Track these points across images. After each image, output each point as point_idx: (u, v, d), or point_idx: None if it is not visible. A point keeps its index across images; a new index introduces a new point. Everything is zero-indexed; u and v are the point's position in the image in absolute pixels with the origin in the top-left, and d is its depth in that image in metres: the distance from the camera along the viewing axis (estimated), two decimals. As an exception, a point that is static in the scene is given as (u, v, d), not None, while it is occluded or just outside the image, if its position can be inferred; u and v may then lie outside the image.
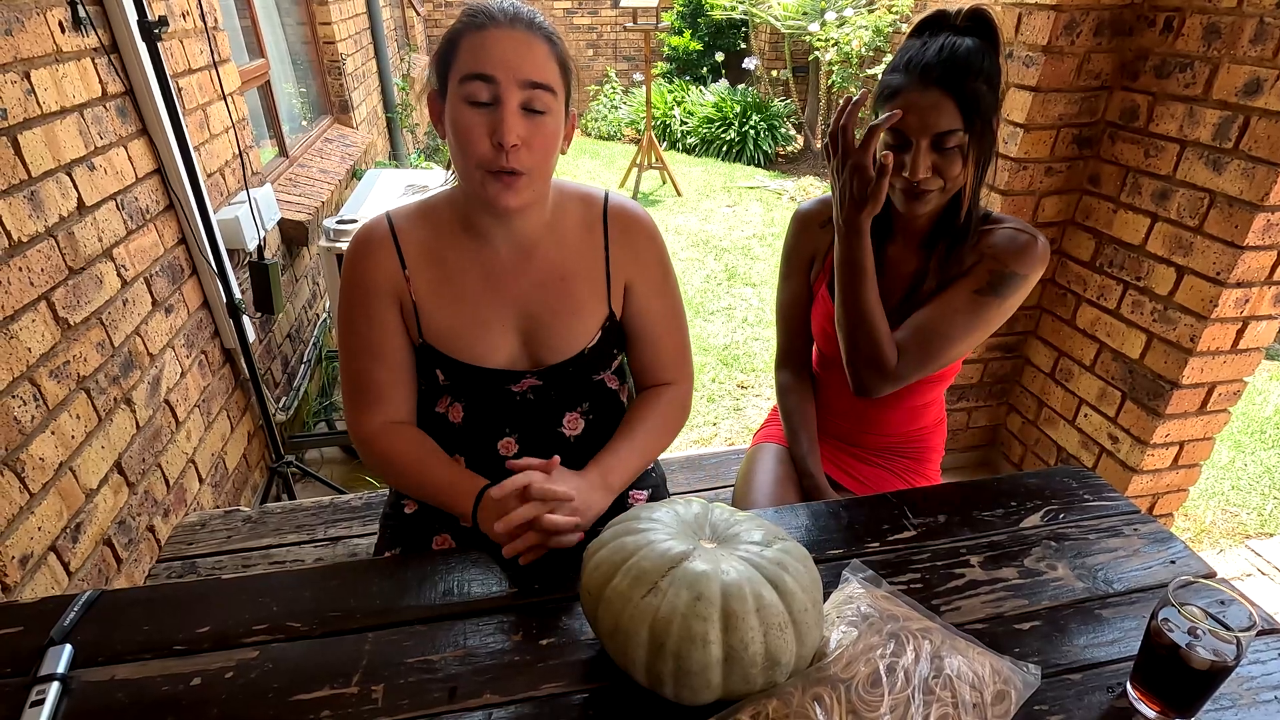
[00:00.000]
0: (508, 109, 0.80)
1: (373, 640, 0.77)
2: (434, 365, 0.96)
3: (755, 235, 4.53)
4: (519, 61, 0.80)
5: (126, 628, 0.79)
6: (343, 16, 3.91)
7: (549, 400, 1.01)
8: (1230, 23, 1.49)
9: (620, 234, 0.98)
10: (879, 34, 5.35)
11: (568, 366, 0.97)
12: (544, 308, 0.95)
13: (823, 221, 1.18)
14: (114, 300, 1.49)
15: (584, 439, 1.03)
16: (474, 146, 0.81)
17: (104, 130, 1.49)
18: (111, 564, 1.42)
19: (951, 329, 1.04)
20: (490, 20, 0.81)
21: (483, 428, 1.01)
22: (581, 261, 0.96)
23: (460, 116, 0.81)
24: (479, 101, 0.80)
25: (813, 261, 1.21)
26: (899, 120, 0.95)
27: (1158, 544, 0.91)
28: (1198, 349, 1.64)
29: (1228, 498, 2.27)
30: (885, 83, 0.99)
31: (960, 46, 0.93)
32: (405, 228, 0.93)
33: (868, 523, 0.96)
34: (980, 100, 0.94)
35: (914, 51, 0.96)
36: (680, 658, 0.62)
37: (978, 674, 0.69)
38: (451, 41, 0.83)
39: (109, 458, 1.43)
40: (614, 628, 0.65)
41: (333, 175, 3.13)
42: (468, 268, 0.94)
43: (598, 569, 0.68)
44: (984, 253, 1.06)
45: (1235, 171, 1.51)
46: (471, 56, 0.80)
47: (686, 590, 0.63)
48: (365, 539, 1.32)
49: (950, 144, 0.95)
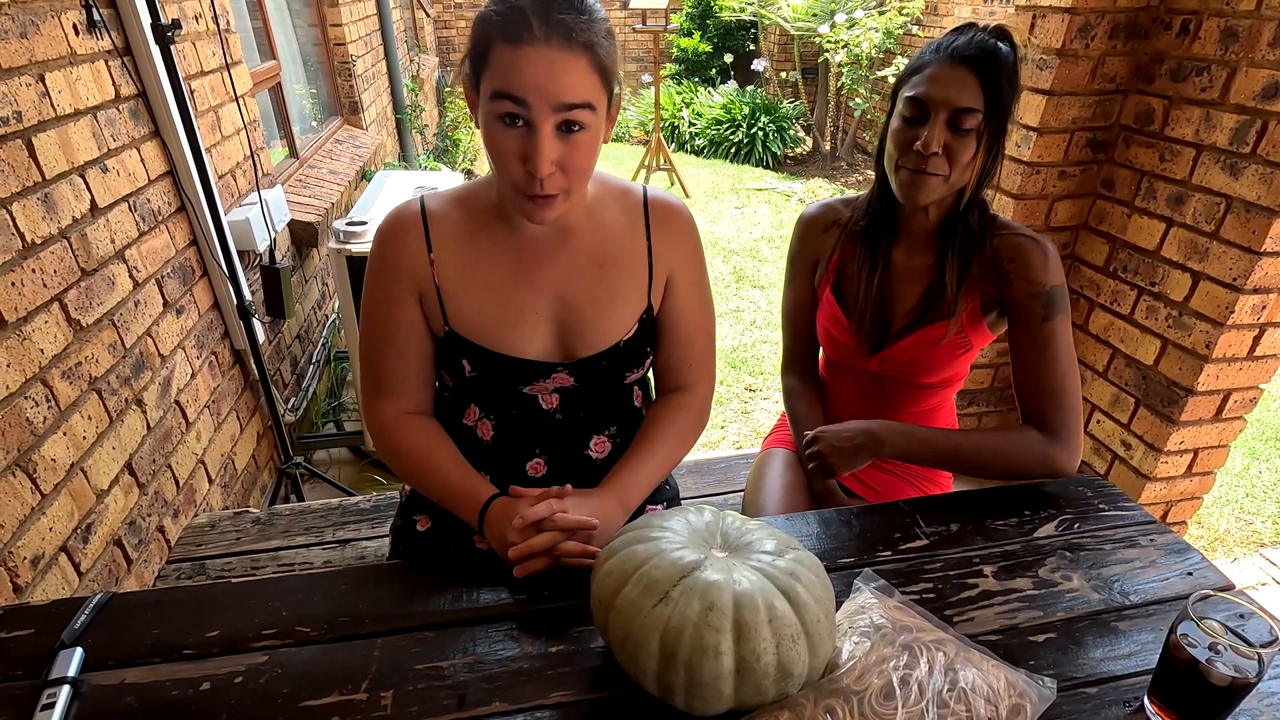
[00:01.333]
0: (542, 134, 0.75)
1: (382, 646, 0.77)
2: (461, 355, 0.92)
3: (763, 237, 4.52)
4: (554, 86, 0.73)
5: (137, 631, 0.79)
6: (353, 18, 3.92)
7: (577, 420, 0.98)
8: (1249, 26, 1.47)
9: (662, 225, 0.95)
10: (889, 36, 5.33)
11: (601, 360, 0.93)
12: (581, 295, 0.91)
13: (826, 225, 1.18)
14: (126, 301, 1.49)
15: (610, 461, 1.00)
16: (507, 168, 0.78)
17: (117, 132, 1.50)
18: (122, 565, 1.42)
19: (1056, 365, 1.02)
20: (525, 35, 0.72)
21: (512, 447, 0.98)
22: (622, 250, 0.93)
23: (492, 131, 0.77)
24: (511, 118, 0.75)
25: (816, 265, 1.21)
26: (921, 90, 0.96)
27: (1175, 555, 0.90)
28: (1213, 355, 1.62)
29: (1242, 505, 2.24)
30: (912, 63, 1.01)
31: (992, 42, 0.96)
32: (437, 211, 0.90)
33: (879, 531, 0.95)
34: (1002, 92, 0.95)
35: (944, 39, 0.98)
36: (691, 668, 0.62)
37: (992, 687, 0.68)
38: (482, 43, 0.76)
39: (120, 458, 1.44)
40: (624, 637, 0.65)
41: (342, 176, 3.14)
42: (500, 252, 0.90)
43: (609, 577, 0.68)
44: (1007, 271, 1.04)
45: (1253, 176, 1.49)
46: (503, 73, 0.74)
47: (698, 600, 0.63)
48: (374, 542, 1.32)
49: (967, 124, 0.95)
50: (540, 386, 0.94)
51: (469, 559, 0.91)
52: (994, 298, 1.07)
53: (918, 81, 0.98)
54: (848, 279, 1.17)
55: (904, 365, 1.15)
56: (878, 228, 1.13)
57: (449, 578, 0.87)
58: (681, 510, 0.75)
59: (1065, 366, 1.02)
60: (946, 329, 1.09)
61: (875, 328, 1.15)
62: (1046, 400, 1.03)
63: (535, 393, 0.95)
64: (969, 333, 1.10)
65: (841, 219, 1.17)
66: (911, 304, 1.13)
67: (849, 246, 1.16)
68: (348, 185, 3.12)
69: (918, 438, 1.06)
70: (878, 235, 1.13)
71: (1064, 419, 1.02)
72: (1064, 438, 1.02)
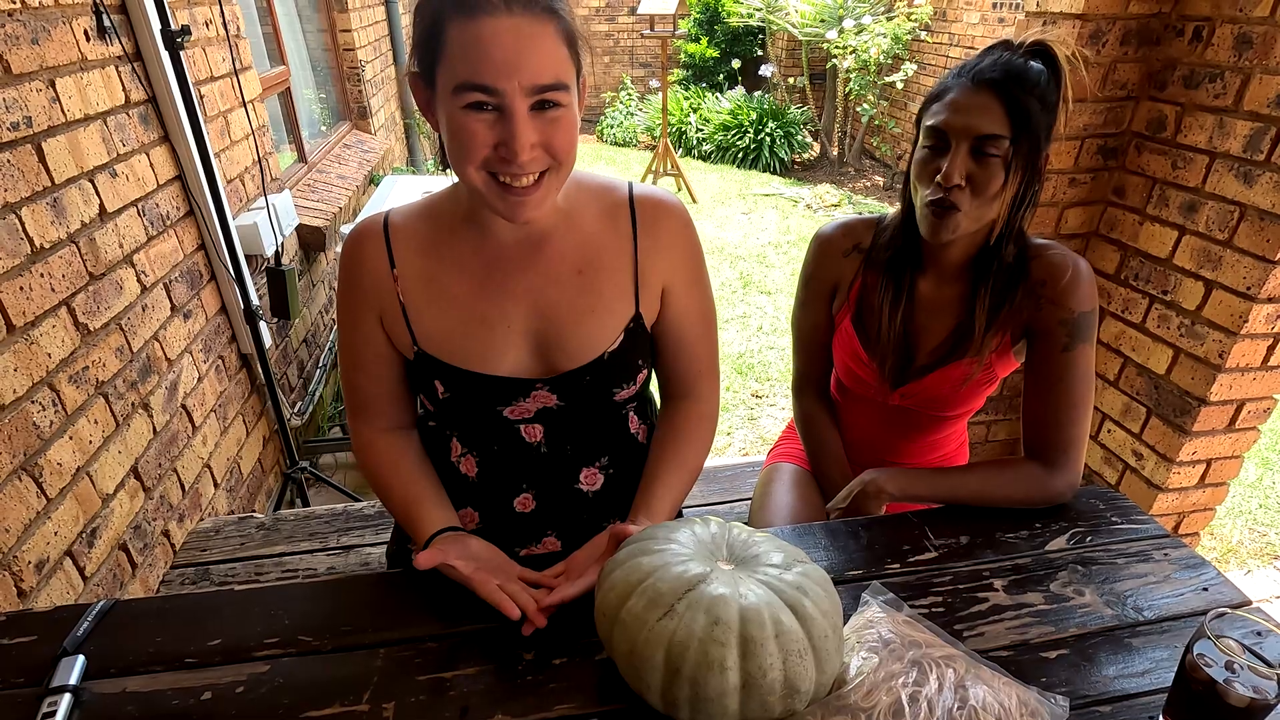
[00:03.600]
0: (518, 116, 0.68)
1: (384, 656, 0.77)
2: (432, 376, 0.86)
3: (771, 243, 4.51)
4: (524, 63, 0.66)
5: (139, 639, 0.79)
6: (363, 24, 3.94)
7: (564, 453, 0.93)
8: (1262, 33, 1.46)
9: (650, 224, 0.86)
10: (897, 42, 5.32)
11: (584, 375, 0.86)
12: (558, 305, 0.84)
13: (847, 250, 1.12)
14: (133, 306, 1.50)
15: (604, 495, 0.95)
16: (473, 154, 0.70)
17: (126, 137, 1.51)
18: (126, 569, 1.42)
19: (1071, 398, 0.98)
20: (482, 3, 0.65)
21: (497, 483, 0.93)
22: (603, 253, 0.85)
23: (459, 125, 0.69)
24: (478, 107, 0.68)
25: (835, 290, 1.15)
26: (941, 119, 0.91)
27: (1189, 570, 0.89)
28: (1226, 365, 1.60)
29: (1256, 517, 2.21)
30: (934, 89, 0.96)
31: (1019, 62, 0.90)
32: (401, 224, 0.85)
33: (888, 543, 0.93)
34: (1031, 115, 0.88)
35: (970, 60, 0.93)
36: (697, 684, 0.61)
37: (1004, 705, 0.66)
38: (431, 25, 0.68)
39: (126, 462, 1.44)
40: (629, 651, 0.64)
41: (350, 181, 3.15)
42: (467, 262, 0.84)
43: (613, 589, 0.67)
44: (1040, 296, 0.99)
45: (1267, 184, 1.47)
46: (464, 58, 0.66)
47: (704, 614, 0.62)
48: (378, 548, 1.32)
49: (991, 150, 0.89)
50: (521, 408, 0.88)
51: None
52: (1022, 324, 1.02)
53: (938, 109, 0.92)
54: (869, 310, 1.10)
55: (926, 401, 1.11)
56: (903, 258, 1.06)
57: (451, 588, 0.86)
58: (688, 521, 0.74)
59: (1078, 397, 0.98)
60: (971, 370, 1.04)
61: (898, 363, 1.09)
62: (1051, 428, 0.99)
63: (517, 419, 0.89)
64: (995, 366, 1.06)
65: (863, 243, 1.11)
66: (938, 340, 1.08)
67: (872, 275, 1.09)
68: (356, 190, 3.13)
69: (918, 479, 1.03)
70: (903, 267, 1.06)
71: (1064, 448, 0.98)
72: (1061, 466, 0.98)
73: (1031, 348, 1.03)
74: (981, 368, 1.05)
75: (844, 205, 5.26)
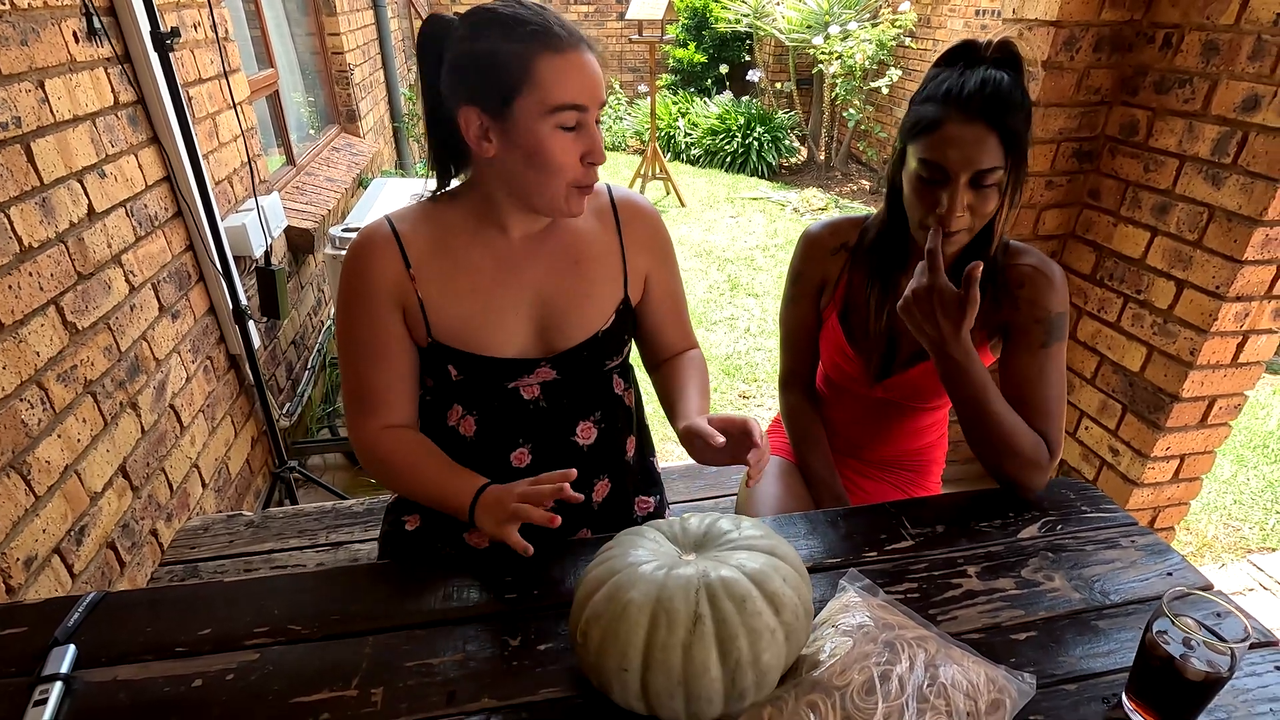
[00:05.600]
0: (597, 131, 0.86)
1: (373, 644, 0.78)
2: (446, 362, 0.95)
3: (759, 246, 4.54)
4: (596, 88, 0.84)
5: (129, 629, 0.80)
6: (351, 27, 3.95)
7: (561, 406, 1.00)
8: (1229, 39, 1.50)
9: (632, 222, 1.02)
10: (882, 47, 5.39)
11: (582, 351, 0.98)
12: (558, 290, 0.96)
13: (834, 248, 1.15)
14: (122, 305, 1.50)
15: (597, 448, 1.03)
16: (568, 169, 0.85)
17: (115, 138, 1.52)
18: (115, 567, 1.43)
19: (1048, 389, 1.01)
20: (564, 44, 0.81)
21: (495, 440, 0.99)
22: (595, 246, 0.99)
23: (551, 141, 0.83)
24: (569, 127, 0.84)
25: (822, 288, 1.18)
26: (938, 154, 0.92)
27: (1155, 556, 0.92)
28: (1198, 362, 1.65)
29: (1230, 512, 2.26)
30: (920, 114, 0.94)
31: (1002, 81, 0.90)
32: (408, 230, 0.93)
33: (866, 532, 0.96)
34: (1019, 137, 0.91)
35: (951, 82, 0.92)
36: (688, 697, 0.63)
37: (972, 682, 0.69)
38: (516, 65, 0.80)
39: (114, 461, 1.44)
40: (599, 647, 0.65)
41: (339, 184, 3.16)
42: (480, 258, 0.94)
43: (584, 598, 0.69)
44: (1017, 297, 1.03)
45: (1234, 186, 1.52)
46: (560, 83, 0.81)
47: (664, 595, 0.64)
48: (366, 544, 1.33)
49: (989, 181, 0.92)
50: (523, 381, 0.98)
51: (459, 558, 0.92)
52: (999, 322, 1.07)
53: (934, 144, 0.92)
54: (855, 308, 1.14)
55: (908, 393, 1.15)
56: (889, 258, 1.09)
57: (439, 577, 0.88)
58: (640, 536, 0.75)
59: (1056, 392, 1.02)
60: None
61: (882, 357, 1.14)
62: (1033, 421, 1.01)
63: (517, 386, 0.99)
64: None
65: (849, 242, 1.14)
66: None
67: (858, 274, 1.13)
68: (344, 192, 3.14)
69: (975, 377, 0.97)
70: (888, 266, 1.10)
71: (1047, 440, 1.01)
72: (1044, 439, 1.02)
73: (1009, 345, 1.06)
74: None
75: (831, 209, 5.31)
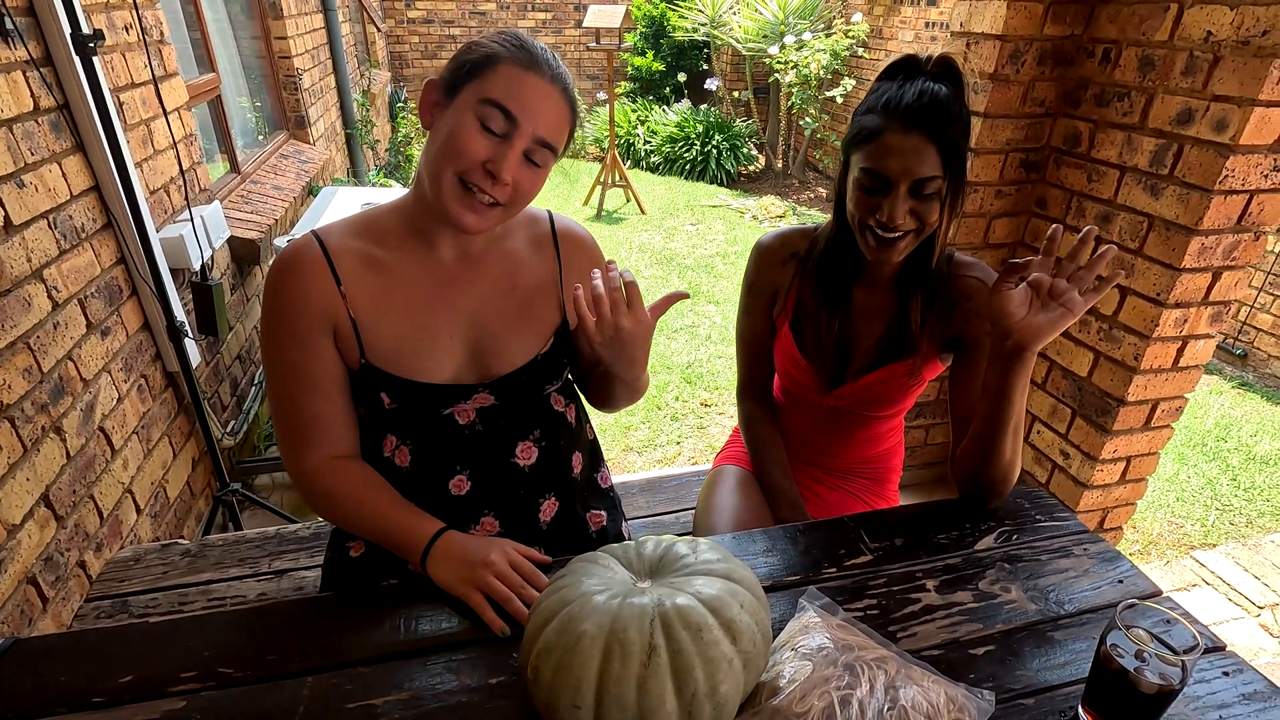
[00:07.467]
0: (514, 150, 0.82)
1: (311, 685, 0.74)
2: (378, 388, 0.90)
3: (718, 253, 4.56)
4: (542, 117, 0.82)
5: (42, 679, 0.74)
6: (300, 31, 3.84)
7: (498, 429, 0.96)
8: (1163, 55, 1.56)
9: (572, 252, 1.01)
10: (836, 58, 5.49)
11: (521, 376, 0.95)
12: (494, 316, 0.94)
13: (785, 258, 1.16)
14: (44, 323, 1.41)
15: (540, 467, 0.99)
16: (463, 159, 0.81)
17: (35, 145, 1.42)
18: (36, 604, 1.33)
19: None
20: (536, 66, 0.82)
21: (432, 469, 0.95)
22: (533, 273, 0.97)
23: (467, 128, 0.81)
24: (489, 128, 0.81)
25: (775, 298, 1.19)
26: (879, 163, 0.94)
27: (1106, 563, 0.93)
28: (1141, 367, 1.69)
29: (1173, 510, 2.34)
30: (862, 124, 0.97)
31: (940, 93, 0.92)
32: (338, 244, 0.88)
33: (825, 547, 0.95)
34: (958, 147, 0.93)
35: (891, 93, 0.94)
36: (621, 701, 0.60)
37: (933, 704, 0.68)
38: (490, 59, 0.82)
39: (35, 490, 1.35)
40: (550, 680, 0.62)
41: (287, 192, 3.05)
42: (415, 276, 0.91)
43: (536, 629, 0.66)
44: (966, 309, 1.05)
45: (1171, 197, 1.57)
46: (505, 88, 0.81)
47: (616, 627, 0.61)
48: (312, 572, 1.27)
49: (929, 190, 0.94)
50: (459, 407, 0.95)
51: (406, 587, 0.88)
52: (949, 333, 1.08)
53: (874, 152, 0.94)
54: (806, 317, 1.15)
55: (860, 402, 1.16)
56: (837, 268, 1.10)
57: (385, 609, 0.83)
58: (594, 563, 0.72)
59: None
60: (910, 367, 1.10)
61: (833, 366, 1.15)
62: None
63: (453, 412, 0.95)
64: (923, 367, 1.11)
65: (799, 251, 1.15)
66: (871, 342, 1.13)
67: (807, 283, 1.14)
68: (293, 201, 3.03)
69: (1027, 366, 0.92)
70: (837, 276, 1.11)
71: None
72: None
73: (962, 358, 1.08)
74: (919, 367, 1.10)
75: (789, 216, 5.37)
